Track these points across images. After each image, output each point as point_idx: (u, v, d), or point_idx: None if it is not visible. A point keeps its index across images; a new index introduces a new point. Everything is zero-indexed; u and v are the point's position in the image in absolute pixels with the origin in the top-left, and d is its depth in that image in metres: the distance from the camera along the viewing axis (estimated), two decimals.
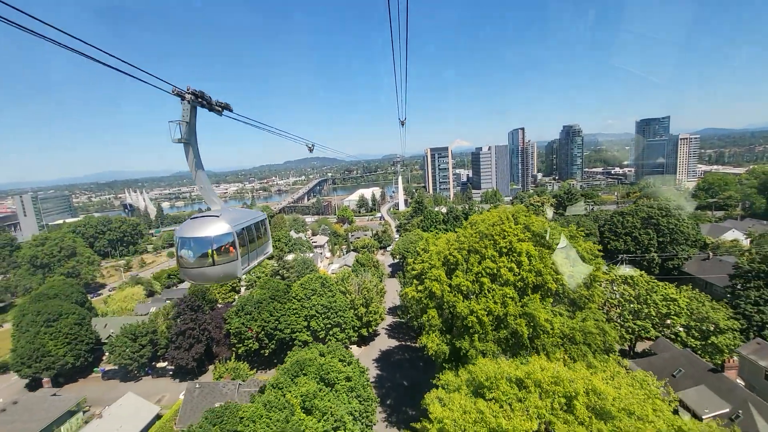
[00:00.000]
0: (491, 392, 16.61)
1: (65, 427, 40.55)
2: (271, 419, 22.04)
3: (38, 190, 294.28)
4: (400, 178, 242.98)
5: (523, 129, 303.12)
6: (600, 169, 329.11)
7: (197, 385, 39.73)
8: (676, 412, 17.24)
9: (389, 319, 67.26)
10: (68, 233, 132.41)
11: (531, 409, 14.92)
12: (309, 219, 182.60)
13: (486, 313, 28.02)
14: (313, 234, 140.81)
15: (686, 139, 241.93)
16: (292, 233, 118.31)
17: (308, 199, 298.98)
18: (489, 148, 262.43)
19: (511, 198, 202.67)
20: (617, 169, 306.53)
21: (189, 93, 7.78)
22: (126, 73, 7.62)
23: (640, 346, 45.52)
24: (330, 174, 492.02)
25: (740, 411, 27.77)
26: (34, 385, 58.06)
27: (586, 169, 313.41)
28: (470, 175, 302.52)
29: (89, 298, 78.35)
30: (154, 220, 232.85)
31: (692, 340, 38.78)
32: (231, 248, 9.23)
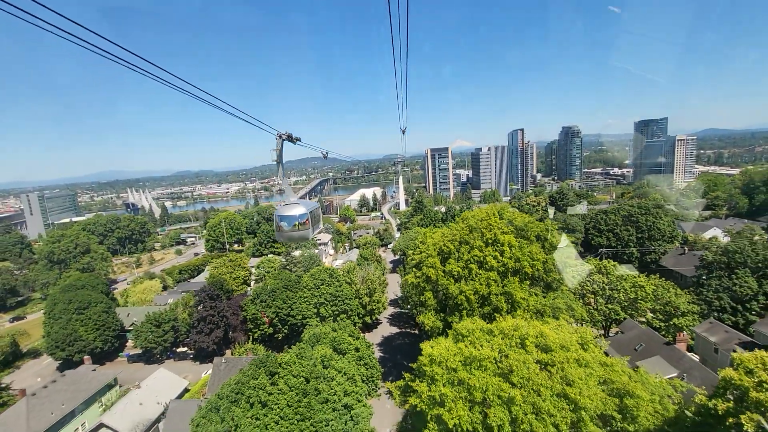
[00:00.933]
0: (468, 339, 22.15)
1: (105, 398, 46.14)
2: (302, 365, 27.70)
3: (40, 189, 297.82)
4: (400, 178, 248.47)
5: (522, 130, 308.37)
6: (599, 170, 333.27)
7: (223, 360, 45.18)
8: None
9: (391, 310, 72.73)
10: (81, 231, 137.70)
11: (494, 346, 20.51)
12: None
13: (473, 292, 33.50)
14: None
15: (683, 140, 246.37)
16: None
17: (309, 199, 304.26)
18: (489, 149, 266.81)
19: (509, 198, 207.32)
20: (616, 170, 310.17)
21: (285, 135, 13.27)
22: (230, 114, 12.84)
23: (614, 330, 50.87)
24: (331, 174, 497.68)
25: (685, 374, 33.16)
26: (66, 366, 63.52)
27: (585, 170, 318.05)
28: (470, 176, 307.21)
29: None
30: (159, 218, 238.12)
31: (657, 321, 44.16)
32: (306, 221, 15.39)
